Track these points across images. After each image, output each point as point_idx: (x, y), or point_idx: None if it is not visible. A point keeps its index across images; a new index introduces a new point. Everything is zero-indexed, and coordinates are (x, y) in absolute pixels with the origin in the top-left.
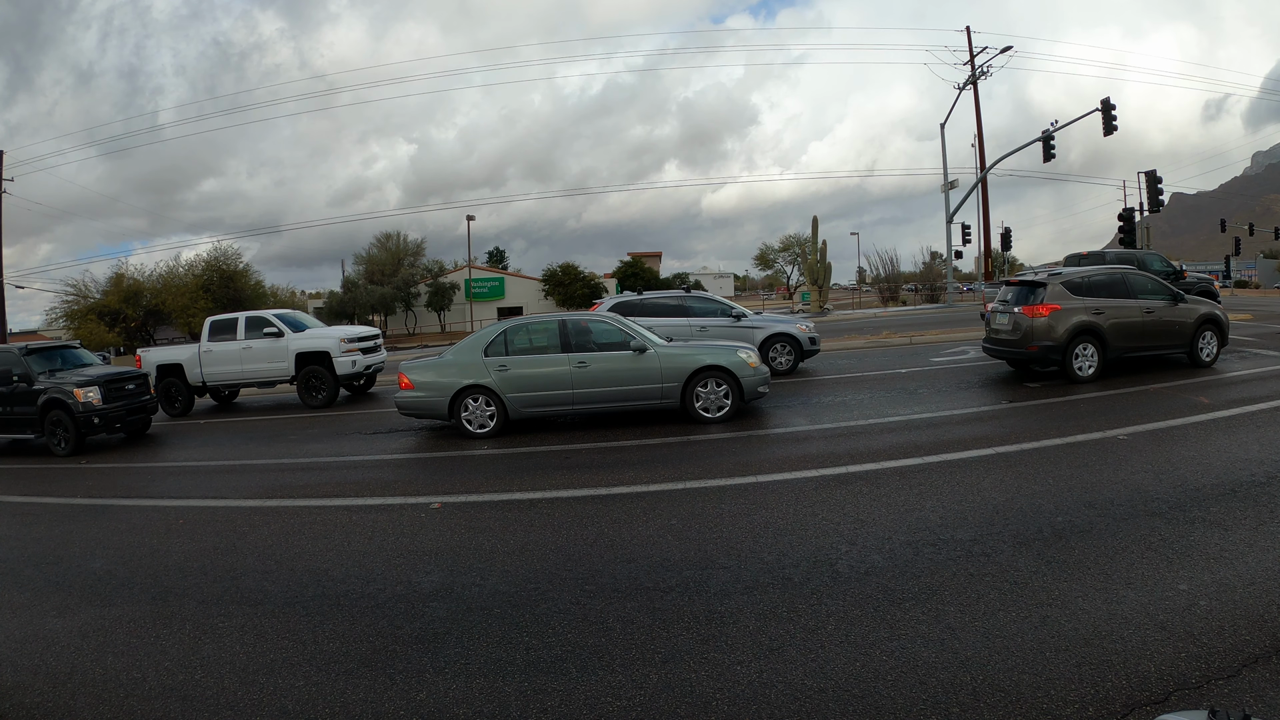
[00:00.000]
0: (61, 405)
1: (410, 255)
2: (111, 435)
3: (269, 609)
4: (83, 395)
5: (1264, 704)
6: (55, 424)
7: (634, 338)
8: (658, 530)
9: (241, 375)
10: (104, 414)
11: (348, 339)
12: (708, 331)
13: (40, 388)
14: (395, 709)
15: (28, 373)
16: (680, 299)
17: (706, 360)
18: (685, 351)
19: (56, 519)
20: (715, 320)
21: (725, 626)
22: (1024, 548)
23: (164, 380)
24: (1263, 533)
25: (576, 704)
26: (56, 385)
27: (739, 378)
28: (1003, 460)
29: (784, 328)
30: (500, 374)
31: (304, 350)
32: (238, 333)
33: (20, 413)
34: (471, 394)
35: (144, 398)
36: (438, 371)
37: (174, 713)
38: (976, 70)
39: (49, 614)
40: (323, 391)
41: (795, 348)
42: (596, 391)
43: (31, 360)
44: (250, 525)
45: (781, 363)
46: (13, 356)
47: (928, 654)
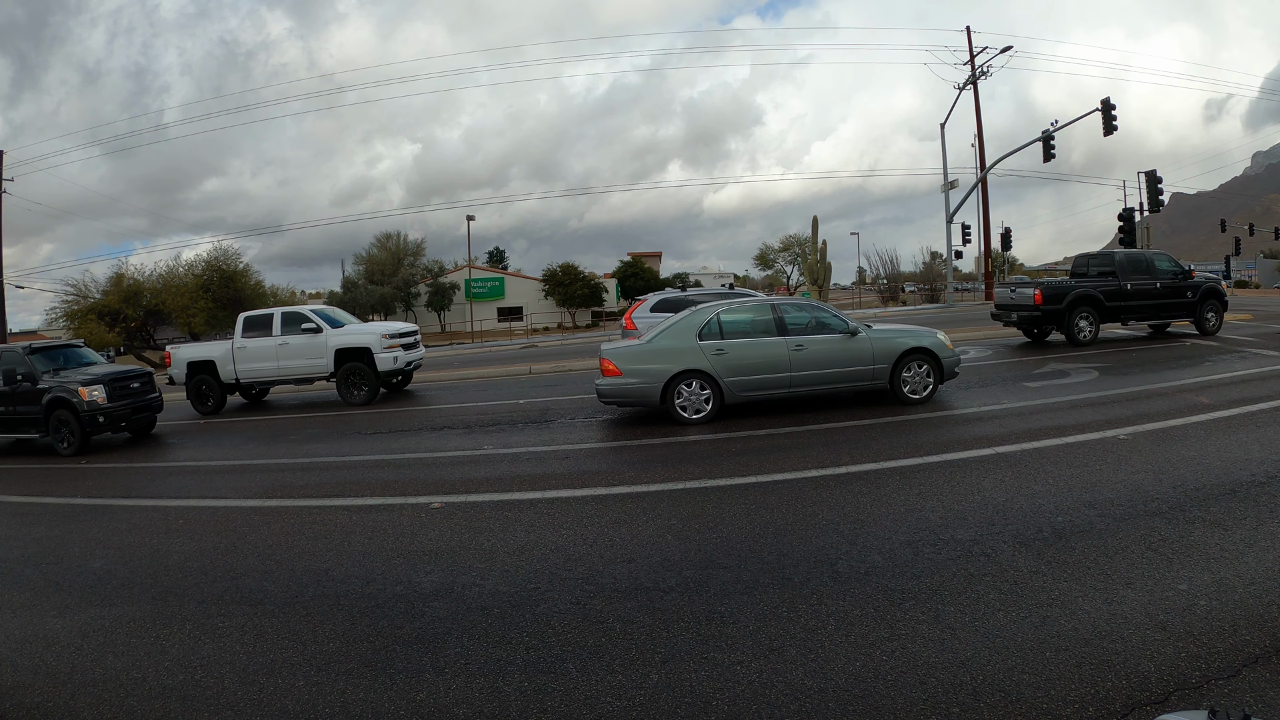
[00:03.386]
0: (66, 404)
1: (410, 255)
2: (116, 434)
3: (269, 609)
4: (87, 394)
5: (1264, 704)
6: (60, 423)
7: (845, 321)
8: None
9: (278, 372)
10: (109, 413)
11: (389, 335)
12: None
13: (44, 386)
14: (395, 709)
15: (32, 371)
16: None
17: (911, 343)
18: (892, 334)
19: (56, 519)
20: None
21: (725, 626)
22: (1024, 548)
23: (195, 378)
24: (1263, 533)
25: (576, 704)
26: (61, 384)
27: (940, 359)
28: (1003, 460)
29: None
30: (718, 358)
31: (344, 346)
32: (273, 329)
33: (24, 412)
34: (686, 379)
35: (149, 396)
36: (650, 358)
37: (174, 713)
38: (976, 70)
39: (49, 614)
40: (364, 388)
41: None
42: (813, 374)
43: (35, 359)
44: (250, 525)
45: None
46: (16, 355)
47: (928, 654)
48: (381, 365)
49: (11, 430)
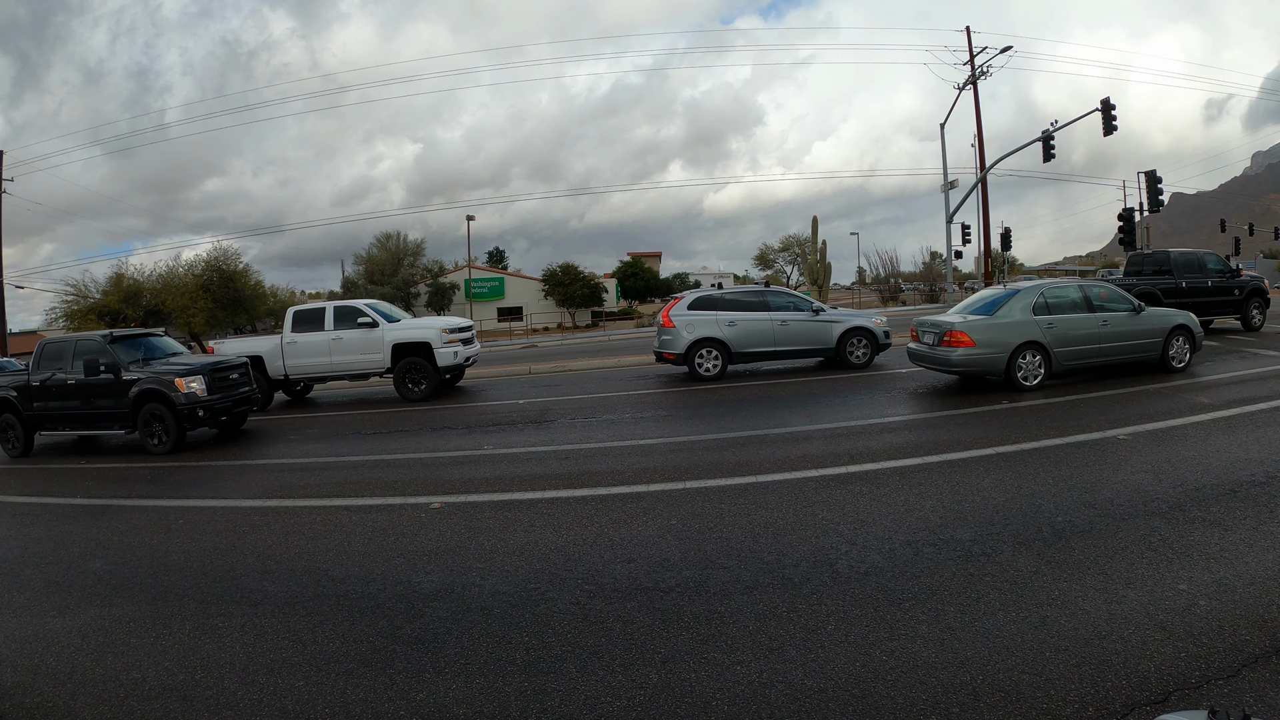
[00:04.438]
0: (160, 397)
1: (410, 255)
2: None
3: (269, 609)
4: (185, 385)
5: (1264, 704)
6: (152, 418)
7: (1132, 302)
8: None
9: (330, 367)
10: (209, 406)
11: (449, 329)
12: (788, 326)
13: (132, 377)
14: (395, 709)
15: (115, 361)
16: (760, 294)
17: (1179, 320)
18: (1162, 313)
19: (56, 519)
20: (795, 314)
21: (725, 626)
22: (1024, 548)
23: None
24: (1263, 533)
25: (576, 704)
26: (154, 375)
27: (1195, 335)
28: (1003, 460)
29: (860, 322)
30: (1049, 331)
31: (402, 341)
32: (326, 323)
33: (106, 406)
34: (1025, 351)
35: (245, 388)
36: (998, 330)
37: (174, 713)
38: (976, 70)
39: (49, 614)
40: (423, 384)
41: (872, 342)
42: (1110, 346)
43: (117, 349)
44: (250, 525)
45: (859, 356)
46: (97, 344)
47: (928, 654)
48: (442, 360)
49: (90, 426)
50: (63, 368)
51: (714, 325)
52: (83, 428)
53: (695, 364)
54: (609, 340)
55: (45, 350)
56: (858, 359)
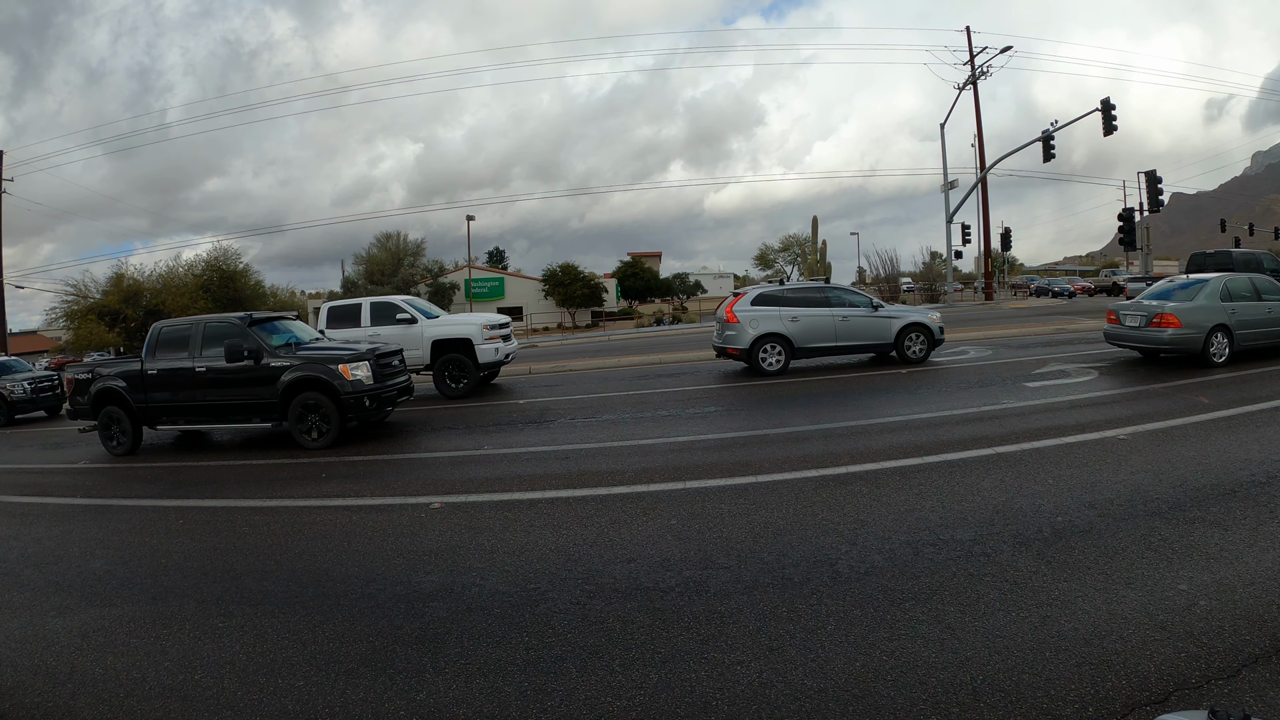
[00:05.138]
0: (321, 385)
1: (410, 255)
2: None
3: (269, 609)
4: (350, 372)
5: (1264, 704)
6: (308, 408)
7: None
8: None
9: None
10: (376, 395)
11: (489, 325)
12: (849, 321)
13: (282, 364)
14: (395, 709)
15: (259, 347)
16: (823, 290)
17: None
18: None
19: (56, 519)
20: (856, 310)
21: (725, 626)
22: (1024, 548)
23: None
24: (1263, 533)
25: (576, 704)
26: (309, 360)
27: None
28: (1003, 460)
29: (918, 318)
30: (1232, 315)
31: (443, 338)
32: (362, 320)
33: (250, 396)
34: (1216, 332)
35: (403, 377)
36: (1198, 314)
37: (174, 713)
38: (976, 70)
39: (49, 614)
40: (464, 380)
41: (928, 337)
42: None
43: (258, 332)
44: (250, 525)
45: (916, 351)
46: (235, 327)
47: (928, 654)
48: (483, 357)
49: (223, 419)
50: (188, 354)
51: (777, 321)
52: (213, 420)
53: (759, 359)
54: (609, 340)
55: (162, 335)
56: (915, 354)
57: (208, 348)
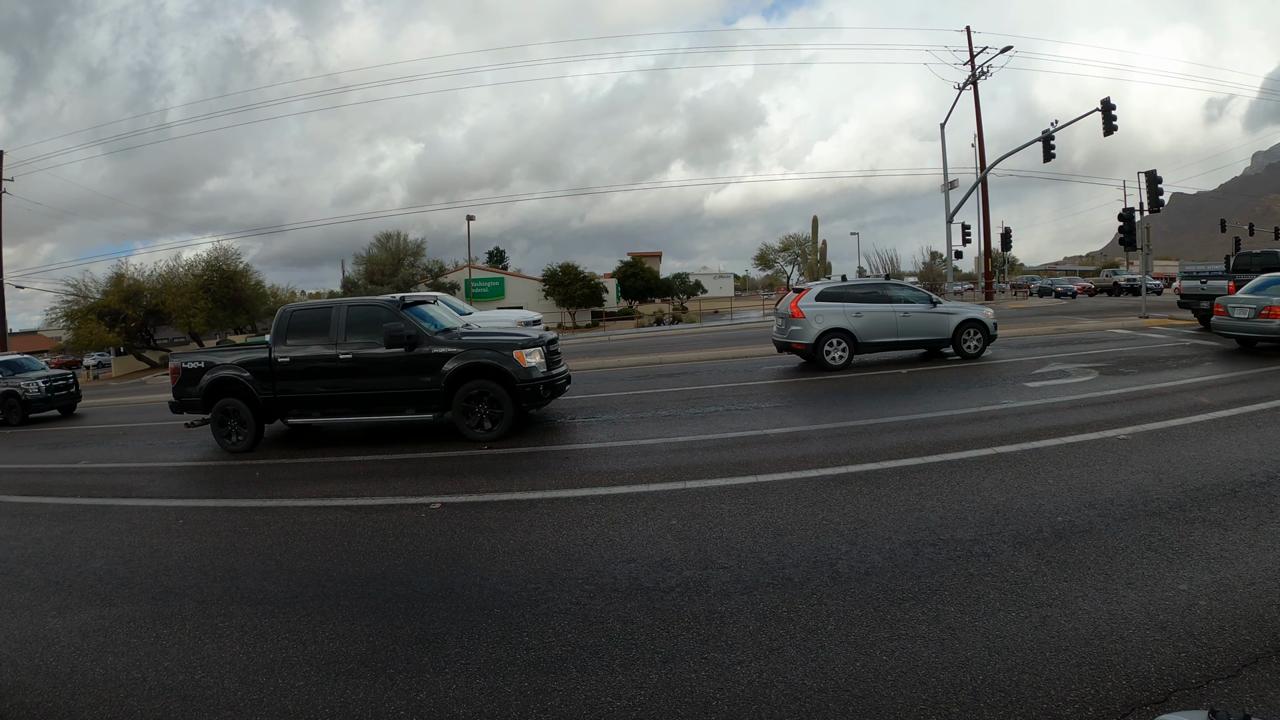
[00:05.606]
0: (494, 372)
1: (410, 255)
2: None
3: (269, 609)
4: (526, 359)
5: (1264, 704)
6: (476, 397)
7: None
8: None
9: None
10: (551, 383)
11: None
12: (910, 317)
13: (446, 350)
14: (395, 709)
15: (420, 333)
16: (883, 286)
17: None
18: None
19: (56, 519)
20: (915, 306)
21: (725, 626)
22: (1024, 548)
23: None
24: (1263, 533)
25: (576, 704)
26: (478, 346)
27: None
28: (1003, 460)
29: (975, 314)
30: None
31: None
32: None
33: (406, 385)
34: None
35: (565, 366)
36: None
37: (174, 713)
38: (976, 70)
39: (49, 614)
40: None
41: (984, 333)
42: None
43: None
44: (250, 525)
45: (973, 346)
46: (388, 312)
47: (928, 654)
48: None
49: (369, 409)
50: (329, 341)
51: (842, 316)
52: (356, 412)
53: (824, 354)
54: (609, 340)
55: (294, 321)
56: (971, 349)
57: (353, 334)
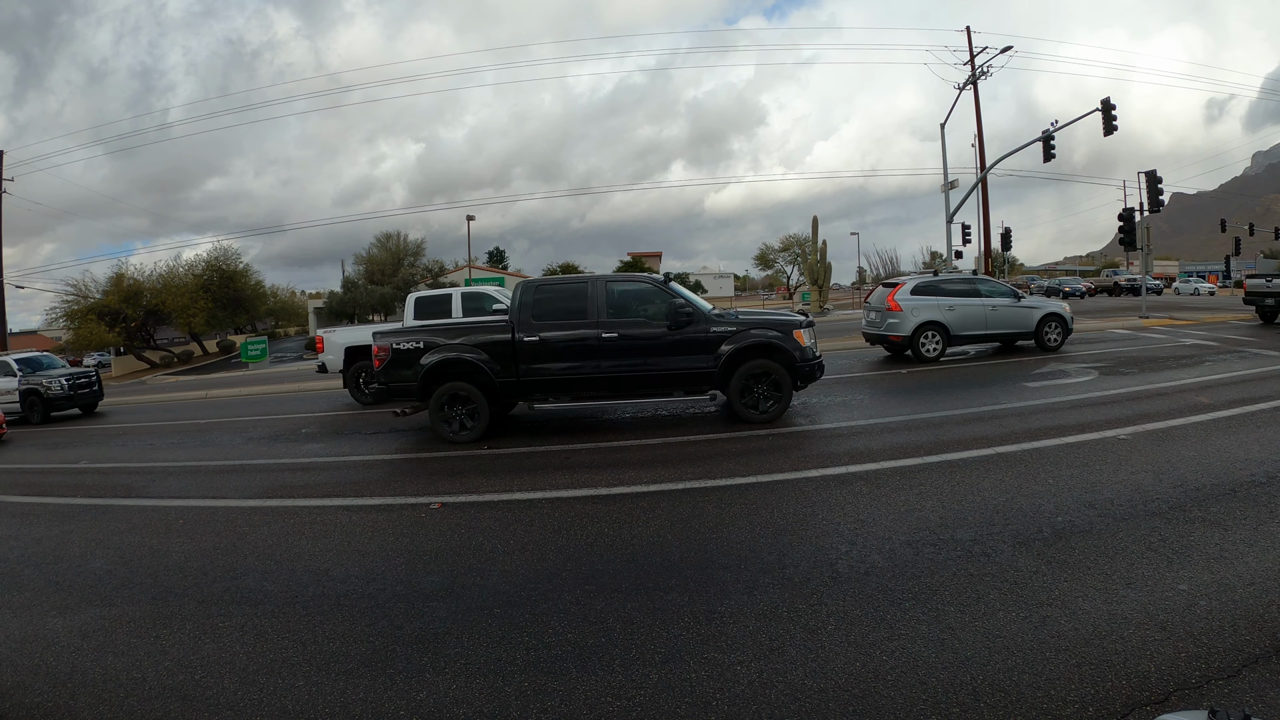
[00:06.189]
0: (777, 352)
1: (410, 255)
2: None
3: (269, 609)
4: (804, 338)
5: (1264, 704)
6: (758, 377)
7: None
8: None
9: None
10: (821, 364)
11: None
12: (998, 310)
13: (723, 329)
14: (395, 709)
15: (696, 312)
16: (972, 281)
17: None
18: None
19: (56, 519)
20: (1001, 300)
21: (725, 626)
22: (1024, 548)
23: (356, 365)
24: (1263, 533)
25: (576, 704)
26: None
27: None
28: (1003, 460)
29: (1056, 308)
30: None
31: None
32: (453, 310)
33: (679, 365)
34: None
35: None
36: None
37: (174, 713)
38: (976, 70)
39: (49, 614)
40: None
41: (1063, 326)
42: None
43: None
44: (250, 525)
45: (1053, 339)
46: (655, 290)
47: (928, 654)
48: None
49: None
50: (587, 319)
51: (936, 310)
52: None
53: (919, 346)
54: None
55: (540, 296)
56: (1052, 342)
57: (614, 312)
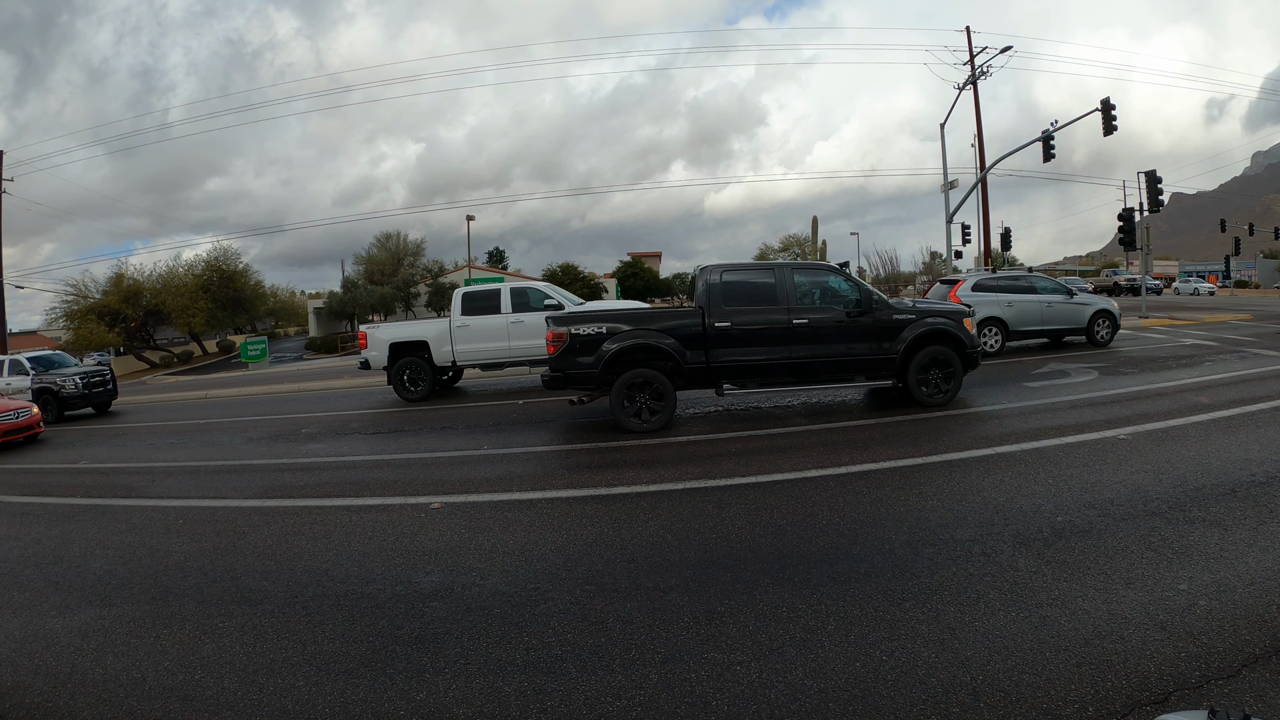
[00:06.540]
0: (950, 339)
1: (410, 255)
2: None
3: (269, 609)
4: (972, 326)
5: (1264, 704)
6: (934, 363)
7: None
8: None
9: (509, 353)
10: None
11: None
12: (1053, 307)
13: (903, 317)
14: (395, 709)
15: (881, 299)
16: (1028, 278)
17: None
18: None
19: (56, 519)
20: (1056, 296)
21: (725, 626)
22: (1024, 548)
23: (401, 361)
24: (1263, 533)
25: (576, 704)
26: (936, 314)
27: None
28: (1003, 460)
29: (1105, 305)
30: None
31: None
32: (501, 306)
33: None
34: None
35: None
36: None
37: (174, 713)
38: (976, 70)
39: (49, 614)
40: None
41: (1113, 322)
42: None
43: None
44: (250, 525)
45: (1103, 335)
46: (845, 276)
47: (928, 654)
48: None
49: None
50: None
51: (996, 306)
52: (801, 380)
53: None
54: None
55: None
56: (1102, 338)
57: (802, 298)
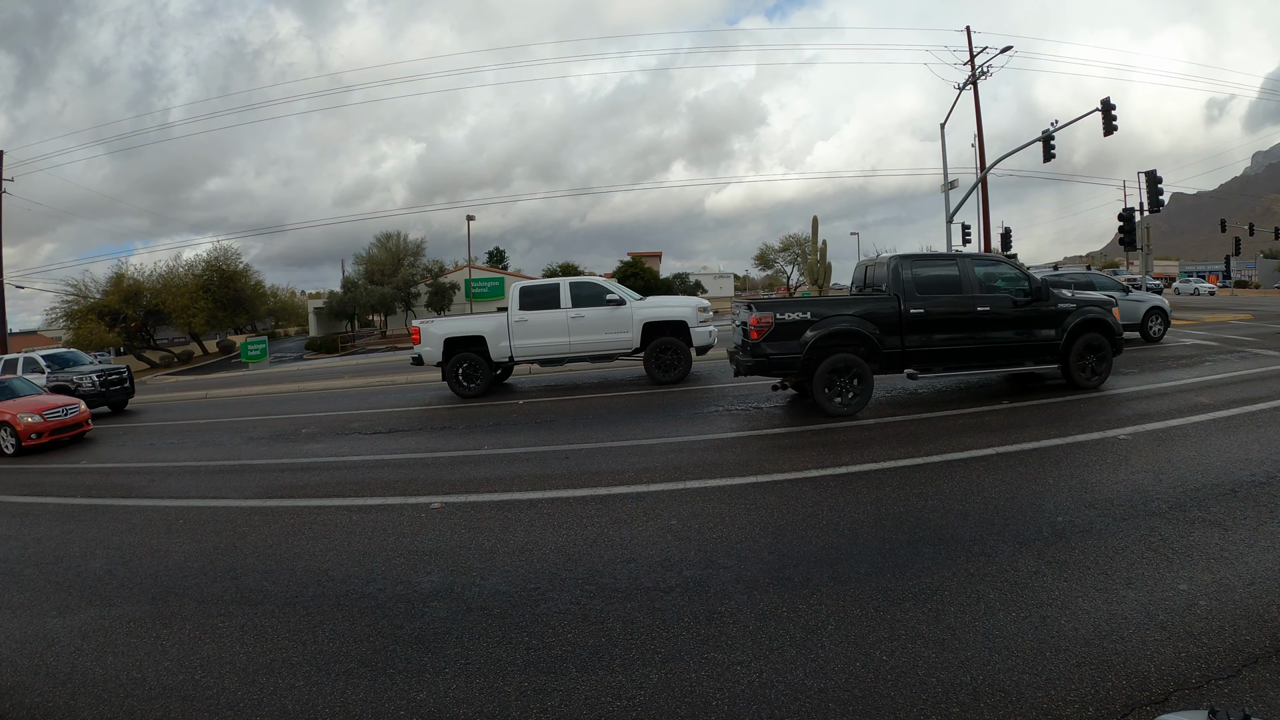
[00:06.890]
0: (1102, 327)
1: (410, 255)
2: None
3: (269, 609)
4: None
5: (1264, 704)
6: (1091, 349)
7: None
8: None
9: (569, 348)
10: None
11: (701, 308)
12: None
13: (1066, 305)
14: (395, 709)
15: (1046, 286)
16: (1086, 276)
17: None
18: None
19: (56, 519)
20: (1115, 293)
21: (725, 626)
22: (1024, 548)
23: (456, 356)
24: (1263, 533)
25: (576, 704)
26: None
27: None
28: (1003, 460)
29: (1158, 302)
30: None
31: (655, 320)
32: (561, 301)
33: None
34: None
35: None
36: None
37: (174, 713)
38: (976, 70)
39: (49, 614)
40: (677, 366)
41: (1164, 319)
42: None
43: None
44: (250, 525)
45: (1155, 331)
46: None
47: (928, 654)
48: (698, 340)
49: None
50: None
51: None
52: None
53: None
54: None
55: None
56: (1155, 334)
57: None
